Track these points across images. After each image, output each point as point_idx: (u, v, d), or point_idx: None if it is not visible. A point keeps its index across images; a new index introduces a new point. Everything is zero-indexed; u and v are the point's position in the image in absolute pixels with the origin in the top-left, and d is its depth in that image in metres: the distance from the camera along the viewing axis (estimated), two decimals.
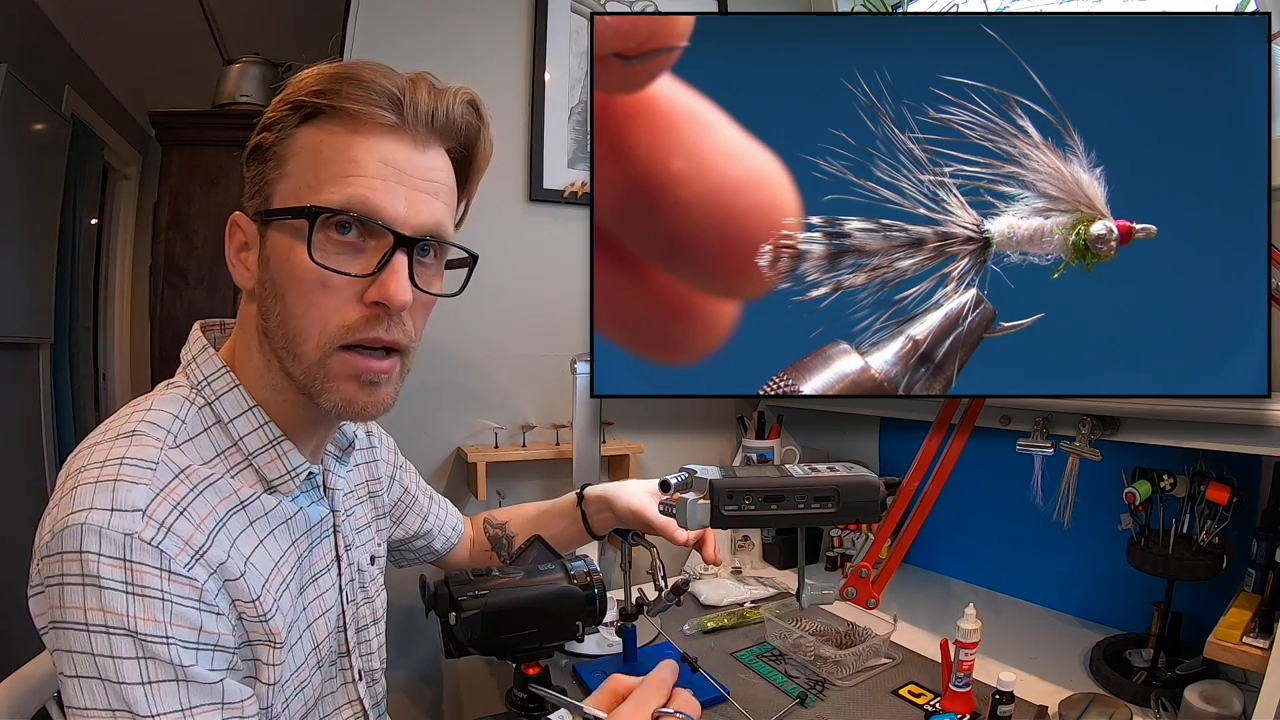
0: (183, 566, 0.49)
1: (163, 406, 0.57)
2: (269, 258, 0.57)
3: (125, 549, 0.47)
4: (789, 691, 0.95)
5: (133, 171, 3.19)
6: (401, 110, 0.56)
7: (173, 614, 0.48)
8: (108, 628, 0.47)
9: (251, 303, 0.60)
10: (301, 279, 0.55)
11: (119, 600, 0.47)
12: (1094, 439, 0.90)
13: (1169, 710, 0.86)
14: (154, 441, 0.53)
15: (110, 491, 0.49)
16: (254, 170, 0.59)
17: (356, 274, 0.55)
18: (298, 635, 0.62)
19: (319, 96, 0.56)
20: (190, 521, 0.51)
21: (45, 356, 2.41)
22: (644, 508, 0.89)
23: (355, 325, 0.56)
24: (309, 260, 0.54)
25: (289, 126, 0.57)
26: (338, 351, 0.56)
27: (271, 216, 0.56)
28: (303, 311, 0.55)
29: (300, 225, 0.54)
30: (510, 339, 1.40)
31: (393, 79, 0.57)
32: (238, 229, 0.60)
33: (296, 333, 0.56)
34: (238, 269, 0.60)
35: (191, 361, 0.61)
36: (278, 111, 0.58)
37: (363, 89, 0.55)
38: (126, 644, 0.47)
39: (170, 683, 0.48)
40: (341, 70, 0.57)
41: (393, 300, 0.55)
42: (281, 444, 0.60)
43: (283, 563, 0.60)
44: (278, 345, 0.58)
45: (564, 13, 1.45)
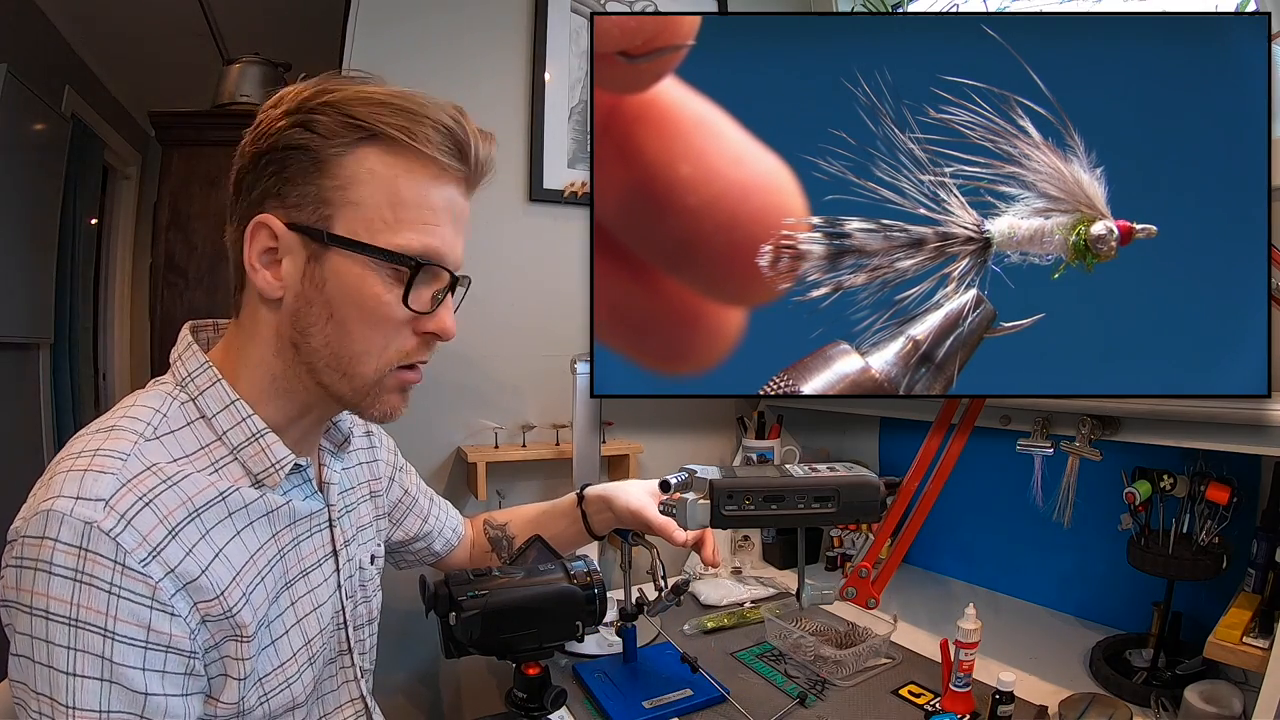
0: (138, 562, 0.49)
1: (146, 402, 0.58)
2: (327, 280, 0.57)
3: (83, 537, 0.48)
4: (789, 691, 0.95)
5: (133, 171, 3.19)
6: (469, 162, 0.61)
7: (119, 609, 0.48)
8: (48, 613, 0.47)
9: (271, 310, 0.59)
10: (374, 311, 0.58)
11: (65, 588, 0.47)
12: (1094, 439, 0.90)
13: (1169, 710, 0.86)
14: (130, 435, 0.54)
15: (79, 481, 0.50)
16: (291, 174, 0.57)
17: (420, 311, 0.60)
18: (282, 629, 0.62)
19: (390, 126, 0.56)
20: (156, 514, 0.51)
21: (45, 356, 2.42)
22: (643, 508, 0.89)
23: (411, 352, 0.62)
24: (387, 297, 0.58)
25: (347, 142, 0.57)
26: (392, 371, 0.62)
27: (346, 246, 0.57)
28: (365, 338, 0.59)
29: (379, 263, 0.57)
30: (510, 339, 1.40)
31: (459, 122, 0.60)
32: (264, 232, 0.58)
33: (353, 355, 0.59)
34: (262, 275, 0.58)
35: (178, 359, 0.62)
36: (326, 118, 0.56)
37: (439, 134, 0.58)
38: (61, 631, 0.47)
39: (95, 680, 0.48)
40: (407, 102, 0.58)
41: (449, 334, 0.63)
42: (265, 436, 0.60)
43: (258, 556, 0.59)
44: (319, 361, 0.59)
45: (564, 13, 1.45)
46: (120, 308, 3.22)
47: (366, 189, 0.57)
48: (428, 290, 0.61)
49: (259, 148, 0.58)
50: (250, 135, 0.59)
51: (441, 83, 1.34)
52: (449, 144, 0.59)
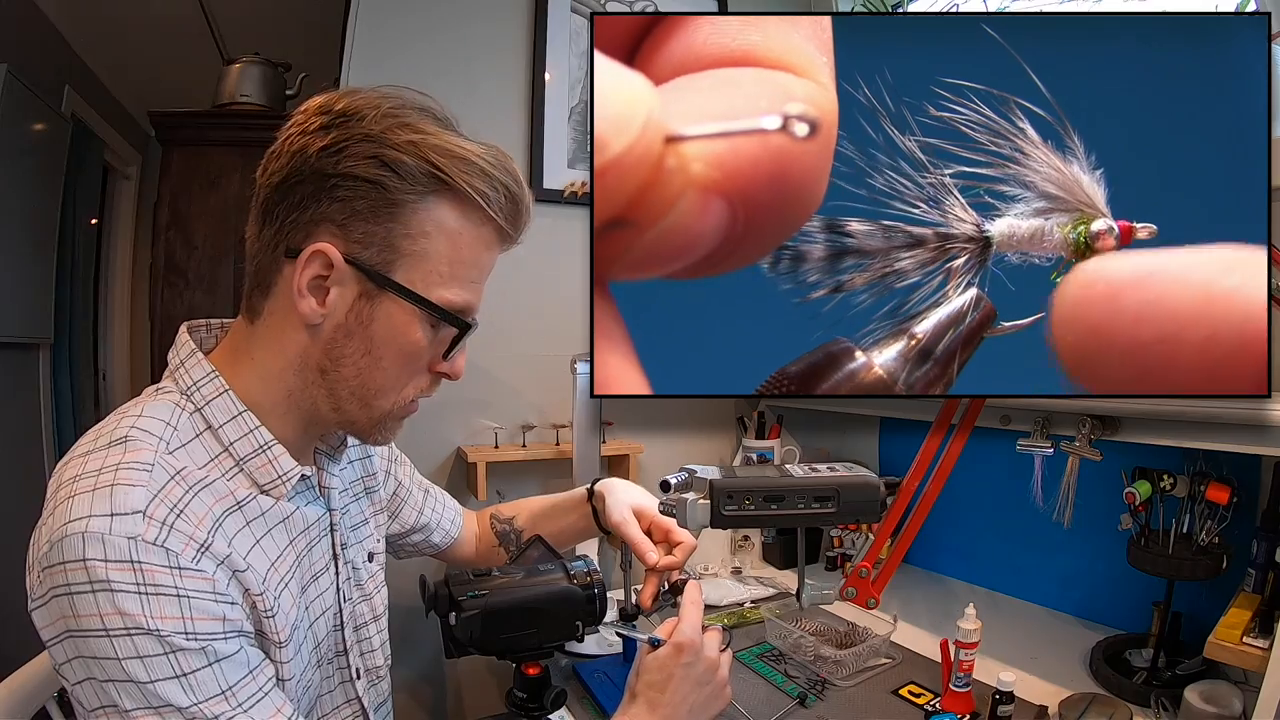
0: (191, 560, 0.50)
1: (154, 413, 0.56)
2: (375, 320, 0.58)
3: (131, 552, 0.47)
4: (789, 691, 0.95)
5: (133, 171, 3.19)
6: (518, 226, 0.64)
7: (191, 608, 0.49)
8: (128, 630, 0.47)
9: (304, 333, 0.59)
10: (411, 355, 0.61)
11: (133, 601, 0.47)
12: (1094, 439, 0.90)
13: (1169, 710, 0.86)
14: (148, 446, 0.53)
15: (108, 497, 0.49)
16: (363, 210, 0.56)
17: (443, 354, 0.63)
18: (303, 635, 0.62)
19: (469, 187, 0.57)
20: (189, 520, 0.52)
21: (45, 356, 2.41)
22: (623, 522, 0.86)
23: (425, 390, 0.65)
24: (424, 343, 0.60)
25: (423, 192, 0.56)
26: (404, 404, 0.64)
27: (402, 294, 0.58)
28: (394, 376, 0.61)
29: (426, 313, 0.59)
30: (510, 339, 1.40)
31: (523, 189, 0.62)
32: (320, 260, 0.56)
33: (379, 390, 0.61)
34: (308, 301, 0.57)
35: (180, 366, 0.61)
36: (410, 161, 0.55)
37: (505, 198, 0.60)
38: (150, 642, 0.47)
39: (205, 669, 0.49)
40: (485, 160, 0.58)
41: (459, 376, 0.66)
42: (272, 449, 0.60)
43: (280, 562, 0.60)
44: (345, 390, 0.61)
45: (564, 13, 1.45)
46: (120, 308, 3.22)
47: (433, 243, 0.58)
48: (447, 335, 0.63)
49: (326, 165, 0.55)
50: (312, 141, 0.56)
51: (442, 83, 1.34)
52: (511, 211, 0.61)
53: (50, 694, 0.73)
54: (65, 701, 0.71)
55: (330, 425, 0.65)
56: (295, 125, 0.58)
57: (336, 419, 0.63)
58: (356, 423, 0.63)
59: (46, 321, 2.37)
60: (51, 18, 2.31)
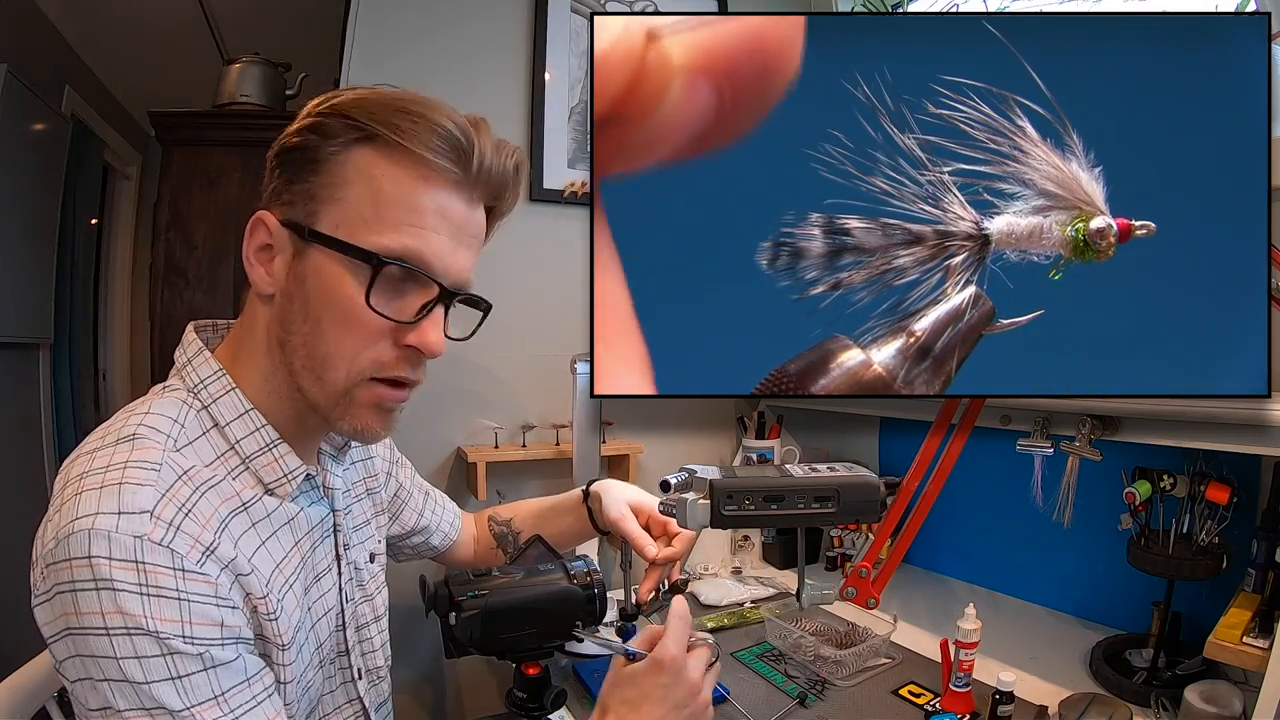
0: (195, 564, 0.50)
1: (161, 411, 0.57)
2: (307, 277, 0.56)
3: (136, 551, 0.47)
4: (789, 691, 0.95)
5: (133, 171, 3.19)
6: (468, 166, 0.58)
7: (191, 612, 0.49)
8: (128, 629, 0.47)
9: (266, 306, 0.59)
10: (346, 312, 0.56)
11: (134, 602, 0.47)
12: (1094, 439, 0.90)
13: (1169, 710, 0.86)
14: (155, 445, 0.53)
15: (116, 495, 0.49)
16: (293, 175, 0.57)
17: (401, 320, 0.57)
18: (305, 636, 0.62)
19: (387, 127, 0.55)
20: (196, 521, 0.51)
21: (45, 356, 2.42)
22: (620, 519, 0.87)
23: (387, 364, 0.58)
24: (360, 299, 0.55)
25: (343, 143, 0.56)
26: (365, 383, 0.58)
27: (324, 242, 0.55)
28: (337, 340, 0.57)
29: (356, 263, 0.55)
30: (510, 339, 1.40)
31: (462, 128, 0.57)
32: (263, 229, 0.58)
33: (326, 357, 0.57)
34: (257, 270, 0.58)
35: (187, 364, 0.61)
36: (328, 121, 0.56)
37: (434, 135, 0.56)
38: (148, 643, 0.47)
39: (200, 673, 0.49)
40: (410, 103, 0.57)
41: (432, 350, 0.58)
42: (278, 447, 0.60)
43: (285, 564, 0.60)
44: (297, 361, 0.58)
45: (564, 13, 1.45)
46: (120, 308, 3.22)
47: (353, 188, 0.56)
48: (413, 299, 0.58)
49: (273, 153, 0.59)
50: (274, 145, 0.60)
51: (442, 83, 1.34)
52: (444, 145, 0.56)
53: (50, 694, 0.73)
54: (65, 701, 0.71)
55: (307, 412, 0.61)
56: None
57: (306, 402, 0.59)
58: (317, 403, 0.59)
59: (46, 321, 2.37)
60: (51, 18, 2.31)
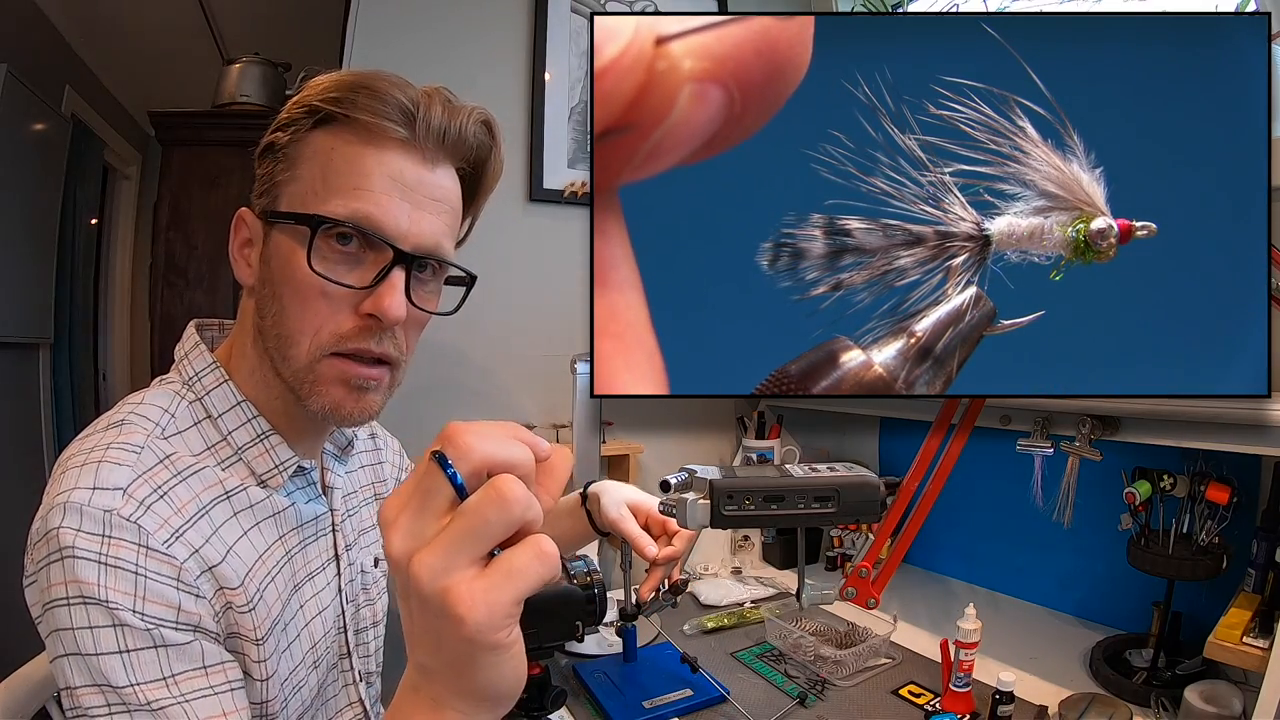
0: (160, 543, 0.49)
1: (153, 400, 0.58)
2: (270, 258, 0.58)
3: (104, 524, 0.48)
4: (789, 691, 0.95)
5: (133, 171, 3.19)
6: (414, 125, 0.57)
7: (147, 589, 0.48)
8: (84, 598, 0.47)
9: (250, 299, 0.61)
10: (300, 284, 0.56)
11: (91, 570, 0.47)
12: (1094, 439, 0.90)
13: (1169, 710, 0.86)
14: (141, 430, 0.54)
15: (94, 472, 0.50)
16: (264, 169, 0.59)
17: (353, 285, 0.56)
18: (295, 632, 0.62)
19: (334, 104, 0.56)
20: (170, 505, 0.52)
21: (45, 356, 2.41)
22: (619, 520, 0.86)
23: (348, 335, 0.56)
24: (308, 267, 0.54)
25: (302, 129, 0.57)
26: (328, 357, 0.57)
27: (276, 218, 0.57)
28: (298, 315, 0.56)
29: (303, 231, 0.55)
30: (510, 339, 1.40)
31: (407, 92, 0.57)
32: (243, 224, 0.60)
33: (289, 334, 0.57)
34: (239, 264, 0.61)
35: (184, 358, 0.62)
36: (291, 113, 0.58)
37: (378, 100, 0.55)
38: (99, 613, 0.47)
39: (149, 650, 0.48)
40: (358, 79, 0.57)
41: (386, 314, 0.55)
42: (270, 438, 0.60)
43: (267, 555, 0.59)
44: (270, 344, 0.58)
45: (564, 13, 1.45)
46: (120, 308, 3.22)
47: (305, 166, 0.57)
48: (370, 266, 0.56)
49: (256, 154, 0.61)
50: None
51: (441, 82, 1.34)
52: (389, 109, 0.55)
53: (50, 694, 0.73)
54: None
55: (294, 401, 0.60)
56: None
57: (285, 389, 0.59)
58: (290, 384, 0.58)
59: (46, 321, 2.37)
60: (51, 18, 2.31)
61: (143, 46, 2.60)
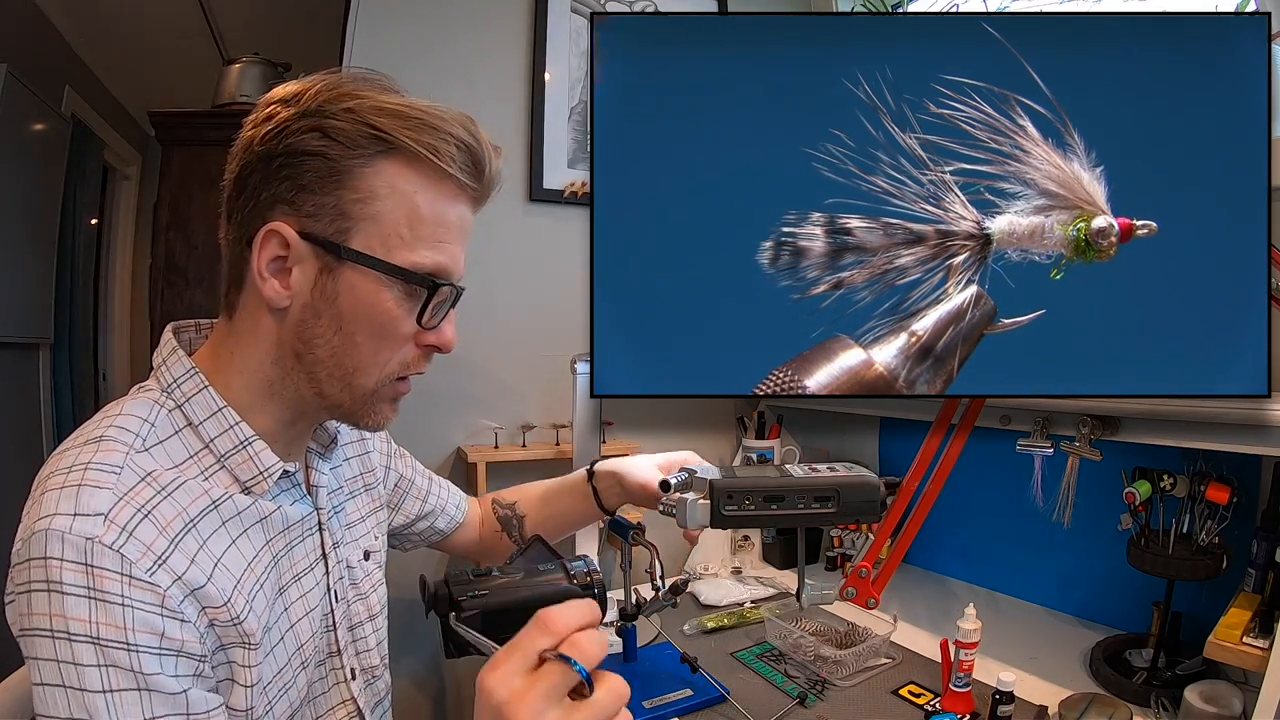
0: (144, 571, 0.49)
1: (132, 411, 0.56)
2: (339, 294, 0.57)
3: (86, 554, 0.47)
4: (789, 691, 0.95)
5: (133, 171, 3.19)
6: (483, 180, 0.62)
7: (134, 619, 0.48)
8: (70, 634, 0.46)
9: (273, 317, 0.59)
10: (384, 325, 0.59)
11: (81, 606, 0.47)
12: (1094, 439, 0.90)
13: (1169, 710, 0.86)
14: (120, 446, 0.53)
15: (74, 497, 0.49)
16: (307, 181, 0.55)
17: (433, 326, 0.62)
18: (279, 635, 0.61)
19: (411, 140, 0.56)
20: (155, 525, 0.51)
21: (45, 356, 2.42)
22: (651, 481, 0.85)
23: (411, 363, 0.63)
24: (398, 312, 0.58)
25: (368, 154, 0.56)
26: (391, 383, 0.62)
27: (361, 261, 0.56)
28: (372, 351, 0.59)
29: (393, 279, 0.57)
30: (510, 339, 1.40)
31: (479, 141, 0.60)
32: (277, 241, 0.56)
33: (358, 367, 0.60)
34: (269, 284, 0.57)
35: (162, 364, 0.61)
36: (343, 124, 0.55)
37: (459, 150, 0.58)
38: (88, 651, 0.46)
39: (132, 691, 0.47)
40: (437, 121, 0.57)
41: (450, 348, 0.63)
42: (252, 444, 0.59)
43: (255, 563, 0.59)
44: (324, 371, 0.59)
45: (564, 13, 1.45)
46: (120, 308, 3.22)
47: (386, 204, 0.56)
48: (421, 298, 0.60)
49: (270, 148, 0.56)
50: (257, 131, 0.57)
51: (441, 82, 1.34)
52: (467, 162, 0.59)
53: None
54: None
55: (319, 412, 0.64)
56: (246, 122, 0.59)
57: (323, 404, 0.61)
58: (342, 406, 0.62)
59: (46, 321, 2.37)
60: (51, 18, 2.31)
61: (143, 47, 2.60)
